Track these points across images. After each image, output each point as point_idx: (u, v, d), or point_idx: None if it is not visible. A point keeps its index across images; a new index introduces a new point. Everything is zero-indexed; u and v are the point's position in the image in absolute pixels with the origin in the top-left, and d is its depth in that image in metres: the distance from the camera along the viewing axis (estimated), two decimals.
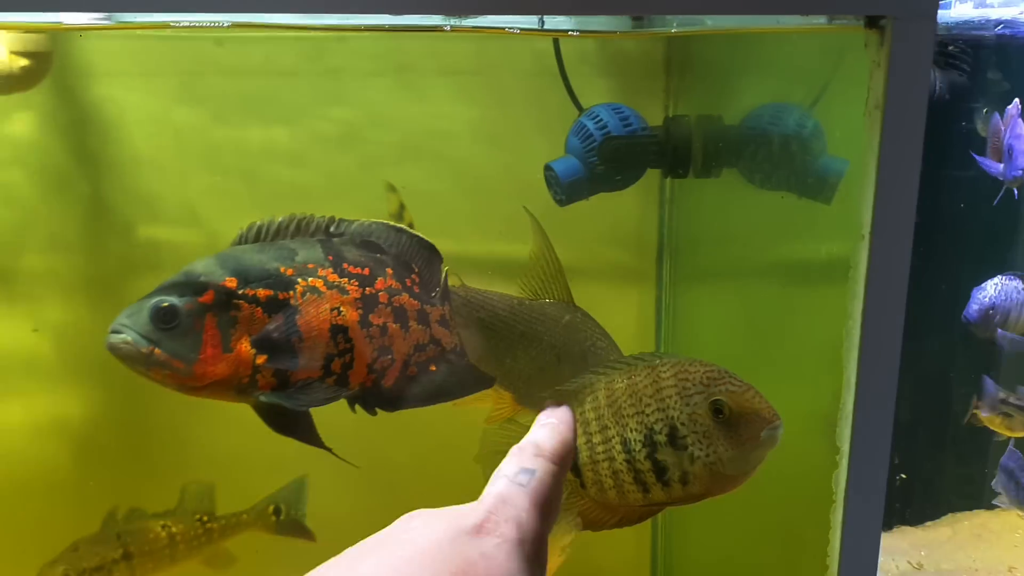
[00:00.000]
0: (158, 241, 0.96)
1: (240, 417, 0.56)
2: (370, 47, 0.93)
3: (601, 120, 0.89)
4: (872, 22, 0.54)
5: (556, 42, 0.90)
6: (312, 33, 0.88)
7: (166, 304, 0.46)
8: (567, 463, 0.45)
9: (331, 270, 0.49)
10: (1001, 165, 0.95)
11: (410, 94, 0.96)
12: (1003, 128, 0.94)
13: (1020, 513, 1.14)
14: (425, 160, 0.98)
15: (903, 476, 1.17)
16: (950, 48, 0.94)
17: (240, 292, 0.48)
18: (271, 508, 0.95)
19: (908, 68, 0.54)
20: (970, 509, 1.19)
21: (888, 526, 1.15)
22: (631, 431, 0.58)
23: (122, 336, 0.46)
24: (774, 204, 0.82)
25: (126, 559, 0.89)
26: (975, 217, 1.08)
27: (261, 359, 0.48)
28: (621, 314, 1.03)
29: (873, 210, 0.56)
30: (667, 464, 0.57)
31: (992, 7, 0.89)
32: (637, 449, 0.57)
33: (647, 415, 0.58)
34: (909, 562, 1.08)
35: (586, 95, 0.91)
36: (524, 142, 0.96)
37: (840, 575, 0.64)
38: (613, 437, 0.58)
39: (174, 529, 0.92)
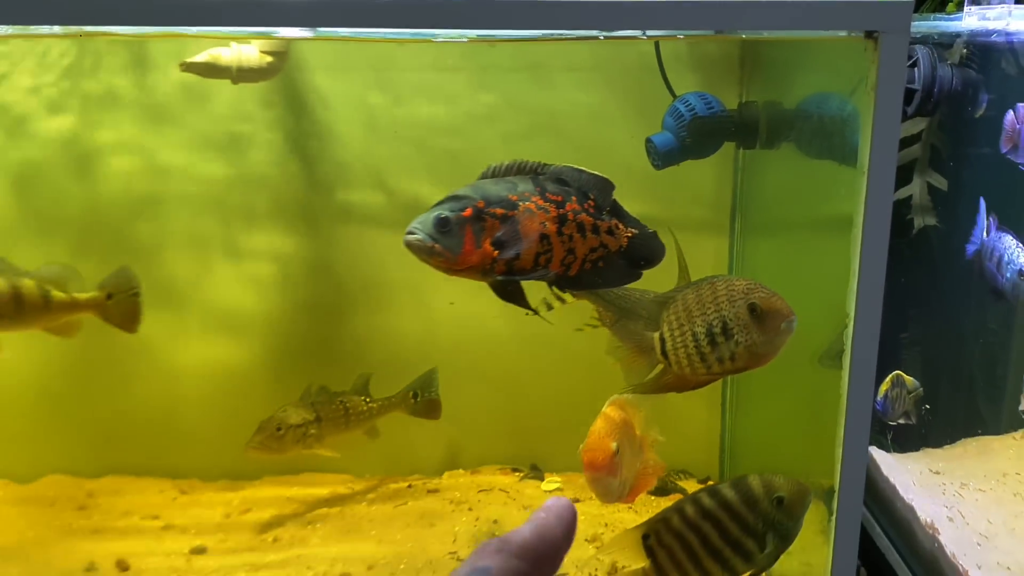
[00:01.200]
0: (350, 200, 1.26)
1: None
2: (510, 49, 1.22)
3: (690, 104, 1.16)
4: (869, 34, 0.82)
5: (657, 44, 1.18)
6: (468, 40, 1.16)
7: (443, 216, 0.75)
8: (544, 561, 0.40)
9: (539, 197, 0.78)
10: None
11: (540, 84, 1.25)
12: (1017, 122, 1.17)
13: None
14: (551, 136, 1.26)
15: (927, 407, 1.41)
16: (964, 51, 1.18)
17: (486, 209, 0.76)
18: (410, 394, 1.24)
19: (891, 64, 0.82)
20: (979, 435, 1.42)
21: (915, 448, 1.40)
22: (697, 326, 0.86)
23: (415, 236, 0.75)
24: (819, 170, 1.08)
25: (317, 422, 1.18)
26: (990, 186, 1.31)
27: (496, 253, 0.76)
28: (702, 257, 1.29)
29: (868, 164, 0.84)
30: (721, 347, 0.85)
31: (988, 20, 1.14)
32: (702, 338, 0.86)
33: (708, 315, 0.86)
34: (930, 470, 1.33)
35: (679, 85, 1.18)
36: (629, 121, 1.24)
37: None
38: (687, 331, 0.87)
39: (348, 405, 1.22)
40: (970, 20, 1.14)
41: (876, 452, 1.30)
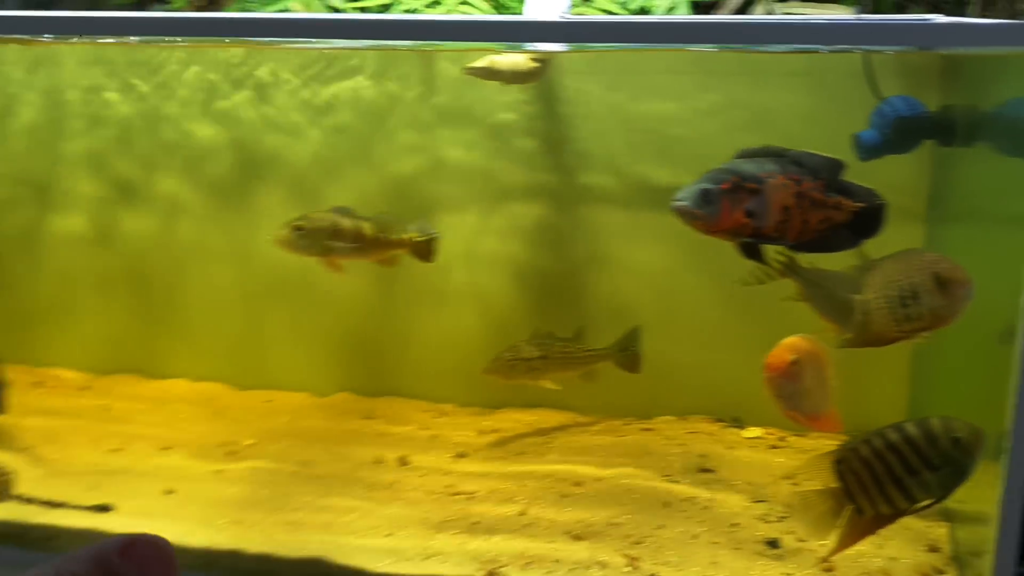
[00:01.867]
0: (590, 181, 1.52)
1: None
2: (735, 56, 1.44)
3: (894, 105, 1.34)
4: None
5: (866, 55, 1.36)
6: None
7: (706, 188, 0.97)
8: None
9: (782, 176, 0.99)
10: None
11: (758, 86, 1.45)
12: None
13: None
14: (766, 130, 1.47)
15: None
16: None
17: (740, 184, 0.98)
18: (620, 347, 1.48)
19: None
20: None
21: None
22: (893, 291, 1.05)
23: (682, 203, 0.97)
24: (1011, 167, 1.22)
25: (542, 359, 1.44)
26: None
27: (747, 220, 0.98)
28: (899, 237, 1.46)
29: None
30: (911, 309, 1.03)
31: None
32: (896, 300, 1.04)
33: (901, 283, 1.04)
34: None
35: (884, 89, 1.36)
36: (835, 121, 1.43)
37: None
38: (886, 294, 1.06)
39: (569, 348, 1.46)
40: None
41: None
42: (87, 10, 1.93)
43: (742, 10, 1.56)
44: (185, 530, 1.21)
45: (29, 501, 1.28)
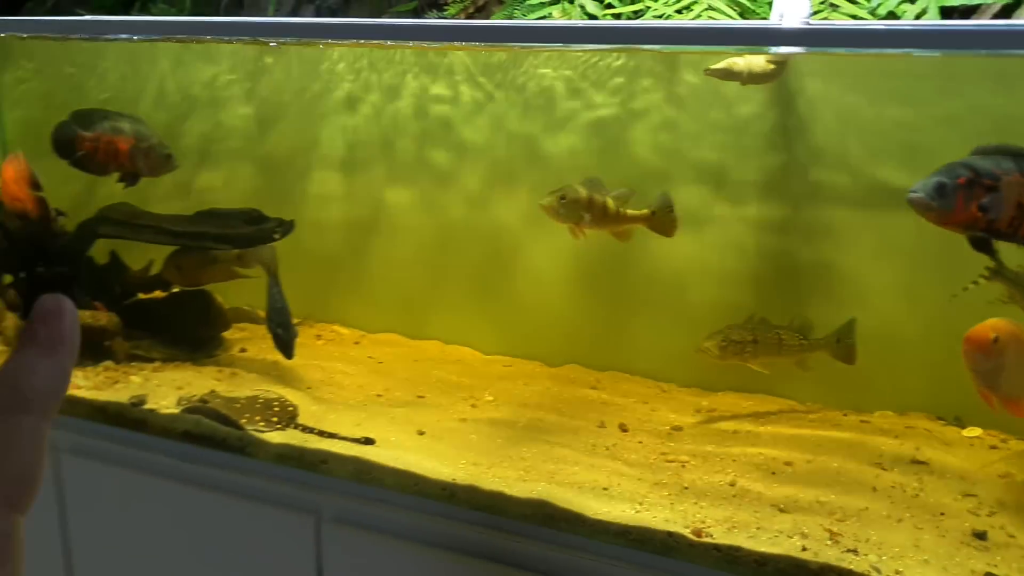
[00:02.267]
0: (820, 179, 1.58)
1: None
2: (976, 60, 1.45)
3: None
4: None
5: None
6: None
7: (942, 182, 1.03)
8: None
9: (1018, 174, 1.03)
10: None
11: (1004, 92, 1.46)
12: None
13: None
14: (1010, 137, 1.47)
15: None
16: None
17: (976, 180, 1.03)
18: (835, 338, 1.54)
19: None
20: None
21: None
22: None
23: (917, 195, 1.03)
24: None
25: (753, 343, 1.53)
26: None
27: (980, 215, 1.03)
28: None
29: None
30: None
31: None
32: None
33: None
34: None
35: None
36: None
37: None
38: None
39: (782, 336, 1.54)
40: None
41: None
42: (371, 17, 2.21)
43: (1002, 16, 1.56)
44: (433, 465, 1.40)
45: (308, 430, 1.52)
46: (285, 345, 1.64)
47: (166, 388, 1.64)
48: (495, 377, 1.76)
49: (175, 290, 1.79)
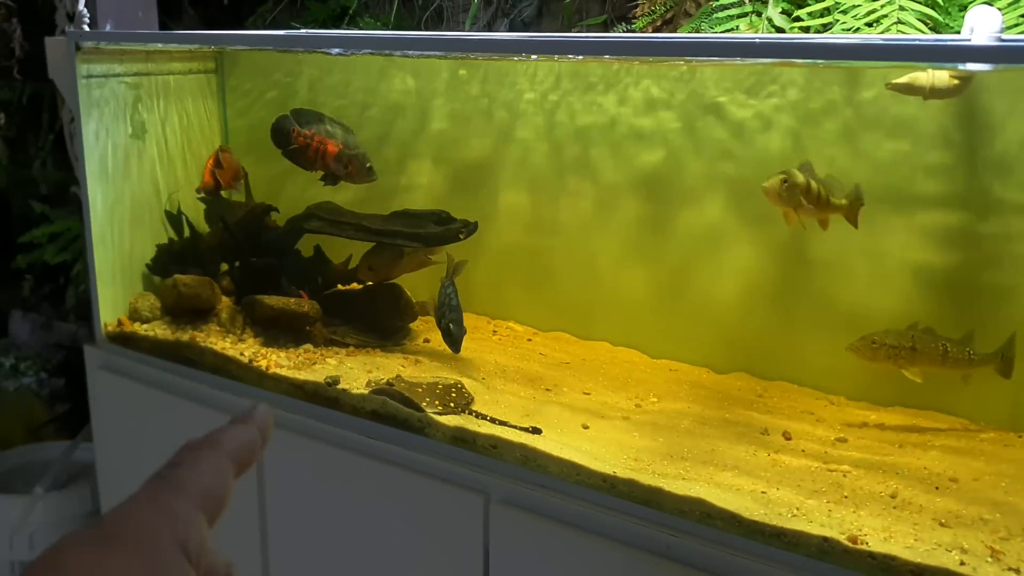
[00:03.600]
0: (1003, 196, 1.55)
1: None
2: None
3: None
4: None
5: None
6: None
7: None
8: (244, 462, 0.48)
9: None
10: None
11: None
12: None
13: None
14: None
15: None
16: None
17: None
18: (1001, 354, 1.49)
19: None
20: None
21: None
22: None
23: None
24: None
25: (911, 350, 1.52)
26: None
27: None
28: None
29: None
30: None
31: None
32: None
33: None
34: None
35: None
36: None
37: None
38: None
39: (949, 348, 1.51)
40: None
41: None
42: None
43: None
44: (595, 458, 1.47)
45: (481, 416, 1.62)
46: (455, 340, 1.76)
47: (357, 371, 1.79)
48: (661, 380, 1.81)
49: (370, 283, 1.95)
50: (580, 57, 1.85)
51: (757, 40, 1.73)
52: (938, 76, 1.46)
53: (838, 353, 1.60)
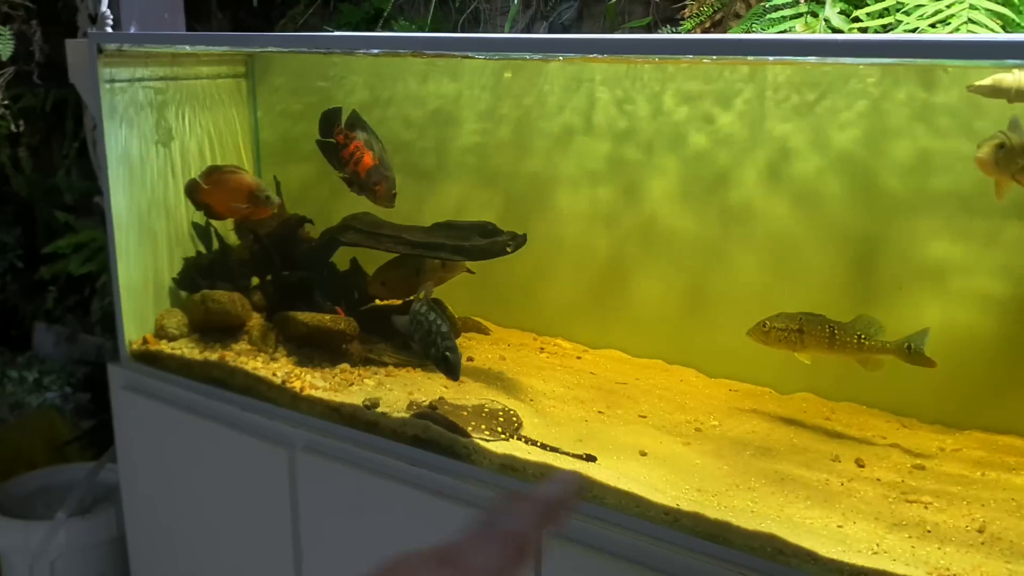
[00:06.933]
0: None
1: None
2: None
3: None
4: None
5: None
6: None
7: None
8: (556, 518, 0.54)
9: None
10: None
11: None
12: None
13: None
14: None
15: None
16: None
17: None
18: (906, 344, 1.46)
19: None
20: None
21: None
22: None
23: None
24: None
25: (799, 333, 1.51)
26: None
27: None
28: None
29: None
30: None
31: None
32: None
33: None
34: None
35: None
36: None
37: None
38: None
39: (836, 332, 1.49)
40: None
41: None
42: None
43: None
44: (656, 488, 1.38)
45: (531, 442, 1.53)
46: (453, 368, 1.61)
47: (398, 392, 1.71)
48: (720, 401, 1.71)
49: (411, 298, 1.86)
50: (630, 58, 1.75)
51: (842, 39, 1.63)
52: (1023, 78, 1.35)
53: (905, 372, 1.50)
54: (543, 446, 1.52)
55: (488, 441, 1.53)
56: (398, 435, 1.60)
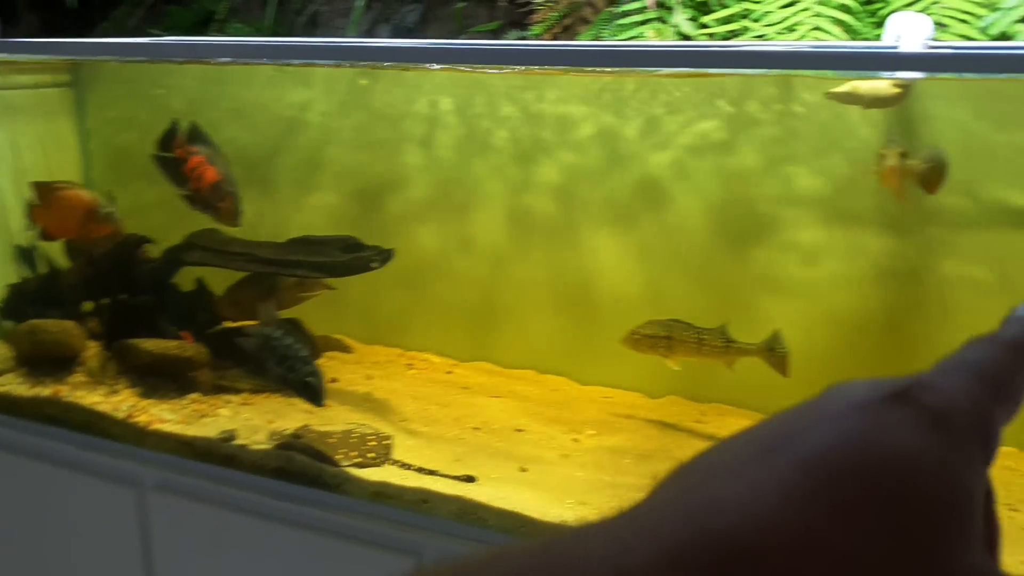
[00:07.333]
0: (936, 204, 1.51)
1: None
2: None
3: None
4: None
5: None
6: None
7: None
8: None
9: None
10: None
11: None
12: None
13: None
14: None
15: None
16: None
17: None
18: (767, 347, 1.50)
19: None
20: None
21: None
22: None
23: None
24: None
25: (667, 339, 1.54)
26: None
27: None
28: None
29: None
30: None
31: None
32: None
33: None
34: None
35: None
36: None
37: None
38: None
39: (704, 337, 1.53)
40: None
41: None
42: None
43: None
44: (539, 505, 1.34)
45: (406, 466, 1.47)
46: (316, 393, 1.52)
47: (256, 421, 1.60)
48: (595, 409, 1.70)
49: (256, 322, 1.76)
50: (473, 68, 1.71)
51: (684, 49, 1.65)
52: (878, 85, 1.40)
53: (766, 369, 1.53)
54: (420, 469, 1.45)
55: (360, 468, 1.45)
56: (259, 468, 1.50)
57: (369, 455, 1.49)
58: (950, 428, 0.31)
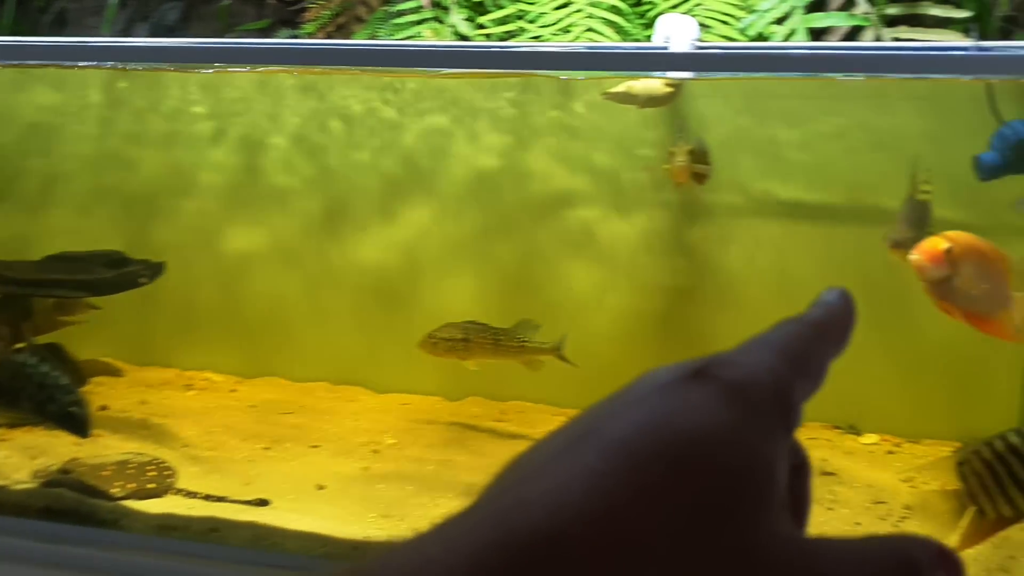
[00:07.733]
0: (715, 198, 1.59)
1: None
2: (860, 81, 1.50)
3: (1016, 128, 1.39)
4: None
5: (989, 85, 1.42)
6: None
7: None
8: (830, 335, 0.37)
9: None
10: None
11: (882, 110, 1.52)
12: None
13: None
14: (888, 151, 1.53)
15: None
16: None
17: None
18: (558, 346, 1.53)
19: None
20: None
21: None
22: None
23: None
24: None
25: (464, 341, 1.54)
26: None
27: None
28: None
29: None
30: None
31: None
32: None
33: None
34: None
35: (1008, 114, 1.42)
36: (956, 143, 1.48)
37: None
38: None
39: (500, 337, 1.54)
40: None
41: None
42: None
43: (850, 36, 1.62)
44: (339, 524, 1.29)
45: (191, 495, 1.37)
46: (81, 424, 1.40)
47: (17, 458, 1.45)
48: (394, 417, 1.66)
49: (20, 345, 1.58)
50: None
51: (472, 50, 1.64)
52: (652, 84, 1.45)
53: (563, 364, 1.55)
54: (207, 497, 1.36)
55: (139, 500, 1.34)
56: (24, 509, 1.35)
57: (149, 486, 1.38)
58: (749, 400, 0.32)
